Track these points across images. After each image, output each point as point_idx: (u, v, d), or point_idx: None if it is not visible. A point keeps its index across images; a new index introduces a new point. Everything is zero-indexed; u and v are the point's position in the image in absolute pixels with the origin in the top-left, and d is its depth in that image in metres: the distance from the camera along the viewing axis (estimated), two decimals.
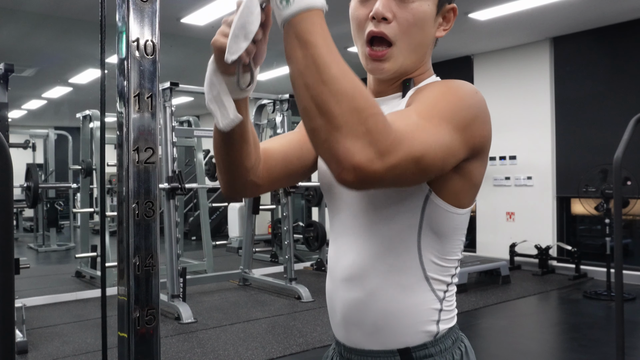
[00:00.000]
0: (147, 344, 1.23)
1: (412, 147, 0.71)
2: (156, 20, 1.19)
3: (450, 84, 0.89)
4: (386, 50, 0.91)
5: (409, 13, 0.89)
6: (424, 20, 0.91)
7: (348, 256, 0.95)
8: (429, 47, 0.97)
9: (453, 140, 0.79)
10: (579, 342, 4.03)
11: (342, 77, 0.67)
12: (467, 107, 0.84)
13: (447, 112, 0.81)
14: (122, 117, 1.18)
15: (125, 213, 1.19)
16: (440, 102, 0.82)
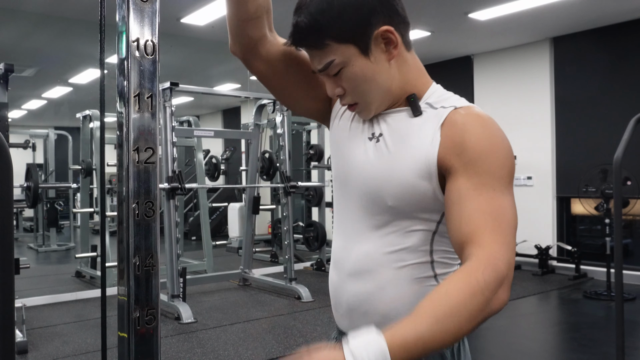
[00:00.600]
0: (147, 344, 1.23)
1: (510, 268, 0.85)
2: (156, 20, 1.18)
3: (494, 146, 0.92)
4: (354, 106, 1.01)
5: (348, 82, 0.96)
6: (362, 74, 0.95)
7: (360, 250, 1.00)
8: (393, 75, 0.98)
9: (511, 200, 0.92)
10: (579, 342, 4.03)
11: (463, 325, 0.80)
12: (510, 165, 0.93)
13: (505, 191, 0.91)
14: (122, 117, 1.18)
15: (125, 213, 1.19)
16: (496, 184, 0.89)
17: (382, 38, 0.95)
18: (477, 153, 0.89)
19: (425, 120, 0.96)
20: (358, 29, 0.93)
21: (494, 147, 0.90)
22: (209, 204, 7.65)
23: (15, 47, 6.78)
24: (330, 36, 0.94)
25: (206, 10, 5.36)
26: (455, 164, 0.90)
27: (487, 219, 0.86)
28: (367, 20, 0.94)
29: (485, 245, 0.84)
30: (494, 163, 0.89)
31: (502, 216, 0.86)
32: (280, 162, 5.64)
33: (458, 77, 7.54)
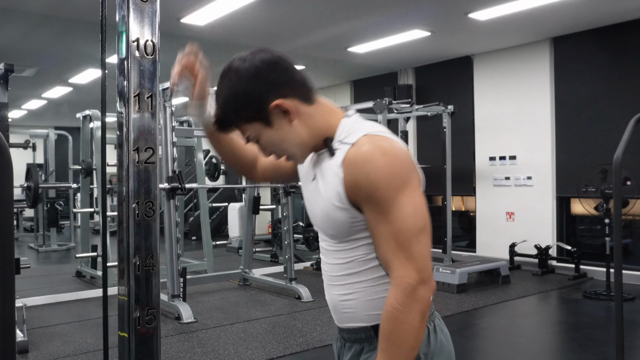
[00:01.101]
0: (147, 343, 1.23)
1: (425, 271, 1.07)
2: (156, 20, 1.18)
3: (378, 175, 1.08)
4: (284, 158, 1.24)
5: (266, 146, 1.20)
6: (272, 140, 1.18)
7: (327, 264, 1.27)
8: (300, 131, 1.18)
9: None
10: (578, 342, 4.04)
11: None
12: (400, 179, 1.09)
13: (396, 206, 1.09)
14: (122, 117, 1.18)
15: (125, 213, 1.19)
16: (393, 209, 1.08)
17: (277, 110, 1.15)
18: (369, 187, 1.07)
19: (335, 159, 1.14)
20: (255, 112, 1.16)
21: (385, 174, 1.06)
22: (209, 204, 7.65)
23: (15, 47, 6.78)
24: (239, 121, 1.18)
25: (206, 10, 5.36)
26: (358, 198, 1.10)
27: (389, 243, 1.07)
28: (259, 103, 1.15)
29: (393, 269, 1.07)
30: (384, 190, 1.06)
31: (401, 235, 1.06)
32: None
33: (458, 77, 7.54)
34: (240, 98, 1.15)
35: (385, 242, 1.07)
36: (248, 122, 1.16)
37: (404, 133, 7.54)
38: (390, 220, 1.06)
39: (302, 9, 5.45)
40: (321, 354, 3.75)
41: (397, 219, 1.06)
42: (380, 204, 1.06)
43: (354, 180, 1.08)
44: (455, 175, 6.97)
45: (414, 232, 1.06)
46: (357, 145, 1.10)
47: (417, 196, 1.09)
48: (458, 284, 5.43)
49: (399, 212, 1.06)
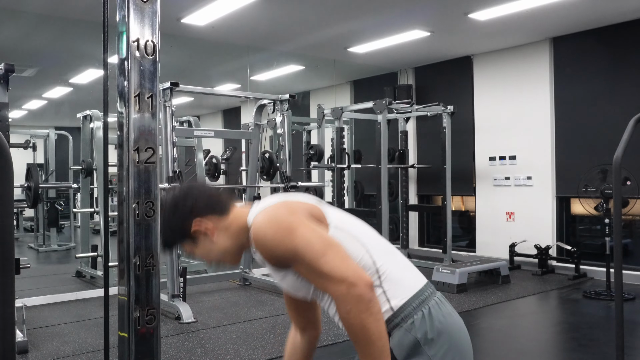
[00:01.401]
0: (147, 343, 1.23)
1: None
2: (156, 20, 1.18)
3: (267, 240, 1.32)
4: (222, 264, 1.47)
5: (202, 258, 1.46)
6: (202, 253, 1.43)
7: (330, 311, 1.46)
8: (223, 241, 1.41)
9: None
10: (578, 342, 4.04)
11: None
12: (285, 241, 1.30)
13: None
14: (122, 117, 1.18)
15: (125, 213, 1.19)
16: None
17: (198, 232, 1.40)
18: (271, 254, 1.31)
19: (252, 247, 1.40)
20: (182, 237, 1.41)
21: (273, 237, 1.29)
22: None
23: (15, 47, 6.78)
24: (175, 243, 1.44)
25: (206, 10, 5.37)
26: (279, 264, 1.35)
27: (312, 278, 1.30)
28: (183, 230, 1.40)
29: (328, 293, 1.30)
30: (281, 246, 1.28)
31: (312, 267, 1.26)
32: (280, 162, 5.64)
33: (458, 77, 7.54)
34: (170, 228, 1.42)
35: (311, 279, 1.30)
36: (182, 243, 1.42)
37: (404, 133, 7.54)
38: (300, 263, 1.27)
39: (302, 9, 5.45)
40: (321, 353, 3.75)
41: (302, 257, 1.26)
42: (286, 256, 1.28)
43: (266, 257, 1.33)
44: (455, 175, 6.97)
45: (318, 256, 1.24)
46: (252, 228, 1.34)
47: (303, 230, 1.28)
48: (458, 284, 5.43)
49: (299, 252, 1.26)
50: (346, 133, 7.63)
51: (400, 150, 7.48)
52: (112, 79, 1.22)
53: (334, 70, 8.20)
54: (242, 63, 7.71)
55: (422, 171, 7.91)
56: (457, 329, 1.38)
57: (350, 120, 8.02)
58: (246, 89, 8.49)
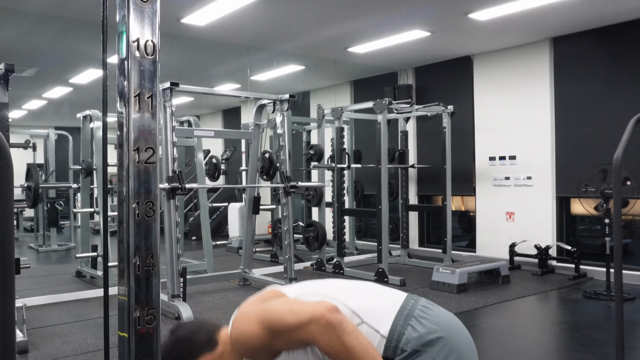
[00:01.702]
0: (148, 343, 1.23)
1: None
2: (156, 20, 1.18)
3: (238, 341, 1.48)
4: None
5: None
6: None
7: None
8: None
9: None
10: (578, 342, 4.03)
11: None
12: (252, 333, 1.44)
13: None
14: (122, 117, 1.18)
15: (125, 213, 1.19)
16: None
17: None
18: (253, 351, 1.44)
19: None
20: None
21: (248, 339, 1.42)
22: (209, 204, 7.64)
23: (15, 47, 6.78)
24: None
25: (206, 10, 5.36)
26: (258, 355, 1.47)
27: (290, 335, 1.38)
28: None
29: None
30: (254, 342, 1.41)
31: (278, 324, 1.36)
32: (280, 162, 5.64)
33: (458, 77, 7.54)
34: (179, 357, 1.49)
35: (291, 344, 1.40)
36: None
37: (404, 133, 7.54)
38: (275, 336, 1.37)
39: (302, 9, 5.45)
40: None
41: (273, 329, 1.36)
42: (262, 341, 1.39)
43: (250, 355, 1.45)
44: (455, 175, 6.97)
45: (282, 317, 1.34)
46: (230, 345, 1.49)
47: (263, 312, 1.41)
48: (458, 284, 5.43)
49: (269, 328, 1.37)
50: (346, 133, 7.63)
51: (400, 150, 7.48)
52: (112, 79, 1.22)
53: (334, 70, 8.20)
54: (242, 63, 7.71)
55: (422, 171, 7.91)
56: (449, 324, 1.43)
57: (350, 120, 8.02)
58: (246, 89, 8.49)
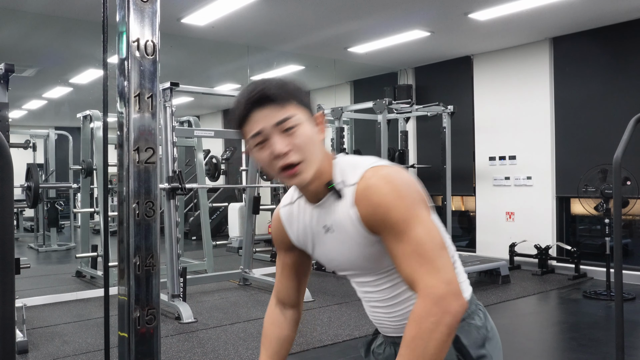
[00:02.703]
0: (147, 343, 1.23)
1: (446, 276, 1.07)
2: (156, 20, 1.19)
3: (391, 192, 1.11)
4: (296, 167, 1.13)
5: (299, 138, 1.12)
6: (311, 136, 1.14)
7: (373, 294, 1.31)
8: (322, 149, 1.18)
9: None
10: (578, 342, 4.04)
11: None
12: (414, 199, 1.12)
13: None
14: (122, 117, 1.18)
15: (125, 213, 1.19)
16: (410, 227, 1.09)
17: (317, 120, 1.19)
18: (382, 214, 1.09)
19: (344, 202, 1.16)
20: (309, 102, 1.18)
21: (394, 197, 1.09)
22: (209, 204, 7.65)
23: (15, 47, 6.78)
24: (294, 96, 1.14)
25: (206, 10, 5.36)
26: (378, 227, 1.11)
27: (412, 259, 1.05)
28: (306, 95, 1.18)
29: (419, 282, 1.04)
30: (400, 210, 1.08)
31: (422, 248, 1.05)
32: None
33: (458, 77, 7.54)
34: (299, 85, 1.17)
35: (407, 259, 1.06)
36: (301, 104, 1.15)
37: (404, 133, 7.54)
38: (409, 238, 1.06)
39: (302, 9, 5.45)
40: (321, 353, 3.75)
41: (416, 236, 1.06)
42: (396, 226, 1.07)
43: (369, 214, 1.11)
44: (455, 175, 6.97)
45: (435, 246, 1.06)
46: (364, 180, 1.12)
47: (429, 218, 1.10)
48: None
49: (415, 230, 1.07)
50: (346, 133, 7.63)
51: (400, 150, 7.49)
52: (112, 79, 1.22)
53: (334, 70, 8.20)
54: (242, 63, 7.71)
55: (422, 171, 7.90)
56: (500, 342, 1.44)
57: (350, 120, 8.02)
58: None
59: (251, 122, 1.13)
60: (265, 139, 1.13)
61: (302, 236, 1.30)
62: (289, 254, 1.38)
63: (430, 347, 0.99)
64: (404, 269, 1.07)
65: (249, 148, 1.19)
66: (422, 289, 1.03)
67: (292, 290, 1.41)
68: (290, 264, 1.39)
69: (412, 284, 1.06)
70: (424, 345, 0.99)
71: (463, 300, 1.03)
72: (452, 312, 1.00)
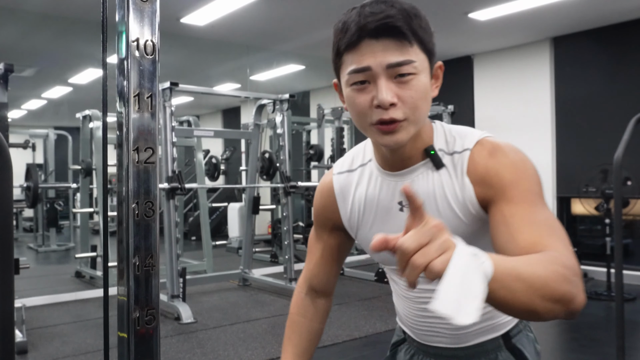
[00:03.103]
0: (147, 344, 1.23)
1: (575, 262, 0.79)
2: (156, 20, 1.18)
3: (521, 172, 0.93)
4: (396, 124, 0.91)
5: (411, 91, 0.90)
6: (426, 91, 0.92)
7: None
8: (430, 105, 0.97)
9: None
10: (579, 342, 4.03)
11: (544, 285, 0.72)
12: (540, 184, 0.93)
13: (539, 195, 0.91)
14: (122, 117, 1.18)
15: (125, 213, 1.18)
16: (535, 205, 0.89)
17: (436, 71, 0.98)
18: (508, 182, 0.90)
19: (448, 172, 0.97)
20: (433, 47, 0.95)
21: (521, 172, 0.92)
22: (208, 204, 7.64)
23: (15, 47, 6.77)
24: (419, 38, 0.91)
25: (206, 10, 5.36)
26: (493, 196, 0.92)
27: (541, 227, 0.84)
28: (434, 47, 0.95)
29: (552, 247, 0.80)
30: (526, 185, 0.90)
31: (553, 225, 0.86)
32: (280, 162, 5.64)
33: (458, 77, 7.54)
34: (428, 24, 0.93)
35: (535, 226, 0.84)
36: (425, 49, 0.92)
37: None
38: (537, 211, 0.87)
39: (302, 8, 5.44)
40: (320, 354, 3.75)
41: (548, 214, 0.87)
42: (526, 193, 0.89)
43: (490, 181, 0.93)
44: None
45: (563, 231, 0.86)
46: (481, 147, 0.96)
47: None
48: None
49: (545, 209, 0.88)
50: (346, 133, 7.63)
51: None
52: (112, 79, 1.21)
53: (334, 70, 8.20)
54: (242, 63, 7.71)
55: None
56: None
57: (350, 120, 8.01)
58: (246, 88, 8.49)
59: (360, 52, 0.89)
60: (369, 79, 0.90)
61: (358, 213, 1.08)
62: (333, 233, 1.17)
63: (548, 289, 0.71)
64: (525, 232, 0.83)
65: (344, 84, 0.94)
66: (559, 253, 0.78)
67: (331, 276, 1.21)
68: (334, 246, 1.18)
69: (533, 247, 0.80)
70: (548, 284, 0.71)
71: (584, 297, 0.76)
72: (580, 301, 0.74)
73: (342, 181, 1.10)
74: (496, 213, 0.90)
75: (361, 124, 0.94)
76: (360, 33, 0.88)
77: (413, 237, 0.63)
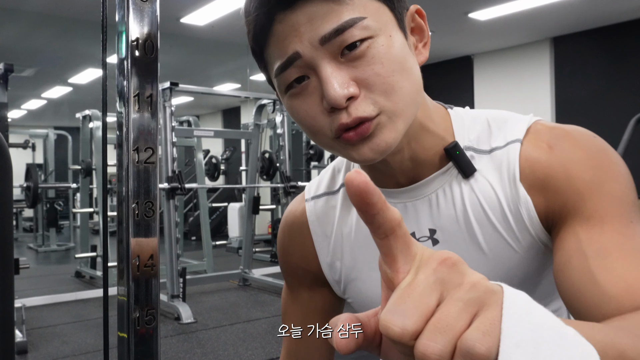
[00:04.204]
0: (147, 344, 1.23)
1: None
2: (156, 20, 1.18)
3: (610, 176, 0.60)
4: (368, 123, 0.57)
5: (375, 65, 0.56)
6: (399, 58, 0.58)
7: None
8: (420, 78, 0.62)
9: None
10: None
11: None
12: (631, 183, 0.62)
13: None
14: (121, 117, 1.18)
15: (125, 213, 1.18)
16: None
17: (412, 21, 0.63)
18: (586, 187, 0.60)
19: (486, 180, 0.65)
20: None
21: (605, 170, 0.60)
22: (208, 204, 7.65)
23: (15, 47, 6.78)
24: None
25: (206, 10, 5.36)
26: (562, 211, 0.61)
27: (636, 257, 0.55)
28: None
29: None
30: (614, 191, 0.59)
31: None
32: (280, 162, 5.64)
33: (458, 77, 7.54)
34: None
35: (631, 258, 0.55)
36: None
37: None
38: (635, 231, 0.57)
39: None
40: None
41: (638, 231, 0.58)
42: (612, 205, 0.58)
43: (552, 185, 0.61)
44: None
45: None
46: (535, 136, 0.64)
47: None
48: None
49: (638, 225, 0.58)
50: None
51: None
52: (112, 79, 1.22)
53: None
54: (242, 63, 7.71)
55: None
56: None
57: None
58: (246, 88, 8.49)
59: (276, 38, 0.58)
60: (306, 73, 0.58)
61: (345, 254, 0.72)
62: (316, 292, 0.77)
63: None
64: (617, 270, 0.54)
65: (280, 95, 0.63)
66: None
67: (322, 355, 0.79)
68: (320, 309, 0.77)
69: (631, 296, 0.53)
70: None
71: None
72: None
73: (320, 208, 0.74)
74: (567, 237, 0.59)
75: (321, 142, 0.61)
76: (267, 11, 0.57)
77: (409, 297, 0.34)
